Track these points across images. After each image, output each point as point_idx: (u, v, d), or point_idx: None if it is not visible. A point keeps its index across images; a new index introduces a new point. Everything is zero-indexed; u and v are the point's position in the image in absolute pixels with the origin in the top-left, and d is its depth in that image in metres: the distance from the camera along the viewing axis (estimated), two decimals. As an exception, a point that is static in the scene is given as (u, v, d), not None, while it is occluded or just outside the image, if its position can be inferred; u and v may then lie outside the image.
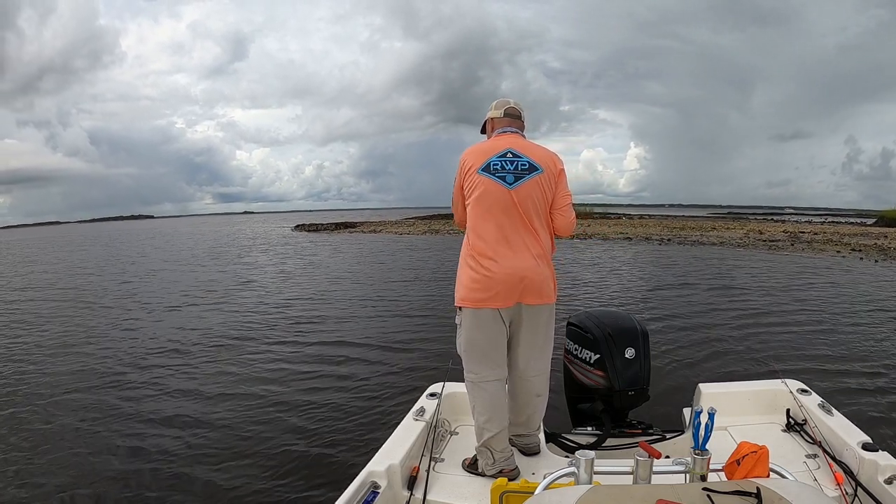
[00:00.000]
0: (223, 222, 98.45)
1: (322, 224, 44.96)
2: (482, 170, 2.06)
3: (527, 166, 2.05)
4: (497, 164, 2.05)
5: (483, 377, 2.11)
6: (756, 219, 47.02)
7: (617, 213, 49.30)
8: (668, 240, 22.52)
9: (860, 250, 17.22)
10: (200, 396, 4.83)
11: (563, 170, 2.15)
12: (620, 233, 26.56)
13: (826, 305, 8.38)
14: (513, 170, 2.04)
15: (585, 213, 46.66)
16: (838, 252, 17.01)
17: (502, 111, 2.21)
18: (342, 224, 43.13)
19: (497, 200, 2.04)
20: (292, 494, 3.12)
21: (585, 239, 23.53)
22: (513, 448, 2.25)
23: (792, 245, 19.46)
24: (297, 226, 46.69)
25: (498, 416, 2.09)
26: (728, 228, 29.32)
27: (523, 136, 2.21)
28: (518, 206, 2.03)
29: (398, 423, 2.36)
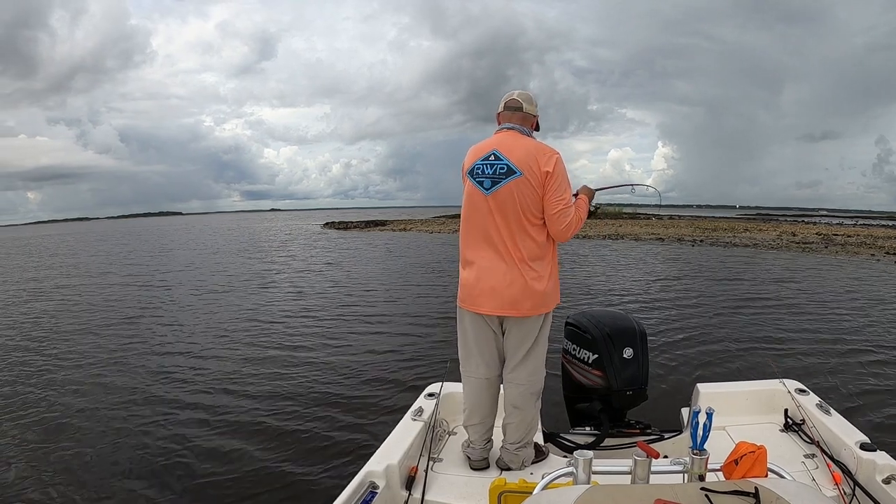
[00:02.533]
0: (252, 219, 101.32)
1: (352, 222, 44.92)
2: (469, 173, 2.07)
3: (504, 170, 1.98)
4: (479, 169, 2.03)
5: (466, 372, 2.20)
6: (787, 220, 45.65)
7: (647, 214, 49.02)
8: (701, 241, 21.97)
9: (895, 254, 16.81)
10: (210, 386, 5.00)
11: (549, 172, 1.96)
12: (652, 233, 26.03)
13: (840, 307, 8.31)
14: (491, 174, 2.00)
15: (615, 213, 46.24)
16: (872, 255, 16.63)
17: (503, 105, 2.13)
18: (372, 222, 42.70)
19: (477, 206, 2.04)
20: (290, 494, 3.11)
21: (617, 239, 23.32)
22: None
23: (826, 247, 19.01)
24: (327, 223, 46.53)
25: (474, 410, 2.17)
26: (760, 230, 28.61)
27: (521, 130, 2.08)
28: (494, 212, 1.99)
29: (396, 423, 2.35)
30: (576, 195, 2.20)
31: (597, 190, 2.30)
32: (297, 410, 4.36)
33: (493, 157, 2.02)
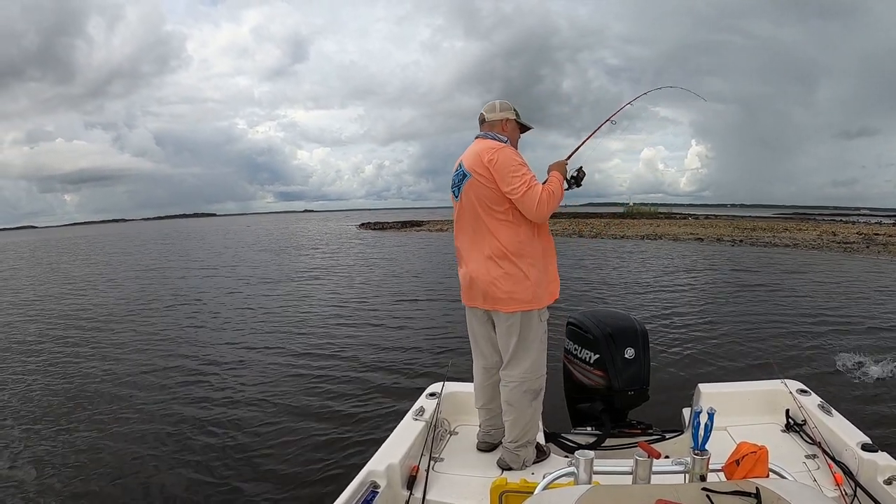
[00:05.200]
0: (287, 220, 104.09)
1: (388, 223, 45.18)
2: (451, 185, 2.26)
3: (461, 176, 2.17)
4: (453, 179, 2.24)
5: (474, 360, 2.35)
6: (825, 220, 43.94)
7: (683, 214, 48.48)
8: (740, 241, 21.58)
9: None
10: (212, 376, 5.23)
11: (492, 159, 2.04)
12: (691, 233, 25.61)
13: (854, 307, 8.21)
14: (457, 182, 2.19)
15: (650, 213, 45.96)
16: (917, 255, 16.10)
17: None
18: (408, 223, 42.68)
19: (455, 212, 2.25)
20: (292, 494, 3.12)
21: (656, 239, 23.20)
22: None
23: (867, 247, 18.29)
24: (362, 224, 46.88)
25: (478, 394, 2.34)
26: (800, 230, 27.76)
27: (484, 135, 2.20)
28: (463, 215, 2.19)
29: (398, 423, 2.36)
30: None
31: (568, 157, 2.30)
32: (298, 409, 4.36)
33: (458, 168, 2.21)
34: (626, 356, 2.56)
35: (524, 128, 2.30)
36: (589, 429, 2.61)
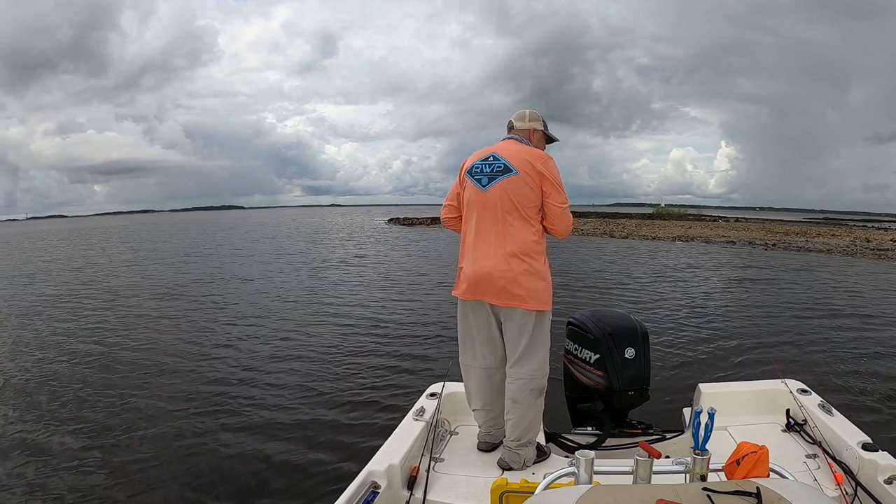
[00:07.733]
0: (315, 214, 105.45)
1: (416, 218, 45.14)
2: (468, 172, 2.25)
3: (501, 168, 2.16)
4: (478, 168, 2.22)
5: (464, 361, 2.31)
6: (857, 225, 43.75)
7: (713, 216, 48.67)
8: (773, 245, 21.50)
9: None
10: (207, 372, 5.19)
11: (543, 173, 2.13)
12: (723, 236, 25.64)
13: (860, 309, 8.19)
14: (489, 172, 2.19)
15: (680, 214, 45.87)
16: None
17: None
18: (436, 219, 42.34)
19: (474, 201, 2.22)
20: (291, 494, 3.12)
21: (688, 241, 23.23)
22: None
23: None
24: (391, 219, 46.99)
25: (476, 396, 2.30)
26: (834, 235, 27.63)
27: (520, 140, 2.29)
28: (490, 206, 2.16)
29: (398, 423, 2.36)
30: None
31: None
32: (298, 409, 4.36)
33: (491, 159, 2.21)
34: (627, 356, 2.56)
35: (549, 139, 2.39)
36: (589, 429, 2.61)
